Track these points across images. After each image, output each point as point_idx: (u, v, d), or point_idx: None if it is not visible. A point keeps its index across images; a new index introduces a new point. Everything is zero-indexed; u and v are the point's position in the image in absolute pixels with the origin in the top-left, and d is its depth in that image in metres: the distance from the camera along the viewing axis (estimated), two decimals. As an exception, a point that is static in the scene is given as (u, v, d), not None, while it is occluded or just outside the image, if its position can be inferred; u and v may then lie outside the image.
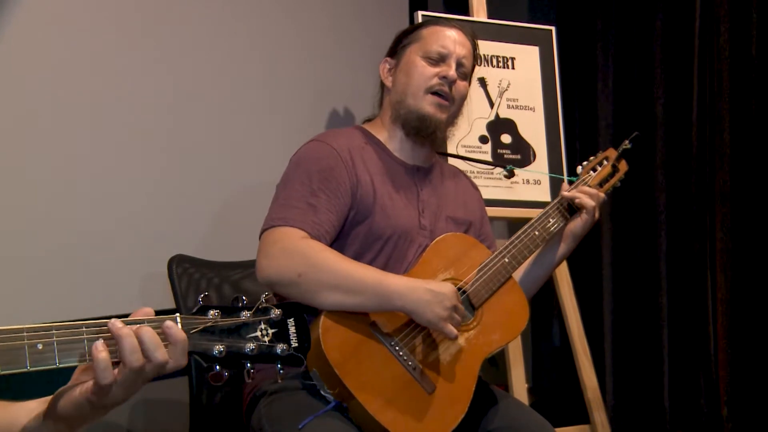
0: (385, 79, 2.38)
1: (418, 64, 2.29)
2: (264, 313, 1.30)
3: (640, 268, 3.88)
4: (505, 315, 2.22)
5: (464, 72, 2.32)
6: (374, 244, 2.20)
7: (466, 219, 2.39)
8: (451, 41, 2.30)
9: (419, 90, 2.27)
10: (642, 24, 3.90)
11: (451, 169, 2.51)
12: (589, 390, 3.30)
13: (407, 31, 2.38)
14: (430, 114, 2.27)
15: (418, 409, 2.00)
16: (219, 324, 1.26)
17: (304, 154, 2.25)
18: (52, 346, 1.16)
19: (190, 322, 1.25)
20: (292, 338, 1.30)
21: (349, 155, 2.22)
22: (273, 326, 1.30)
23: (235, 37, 3.27)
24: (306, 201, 2.12)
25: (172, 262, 2.48)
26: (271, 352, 1.28)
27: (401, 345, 2.04)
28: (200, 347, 1.24)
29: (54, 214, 2.79)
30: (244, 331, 1.27)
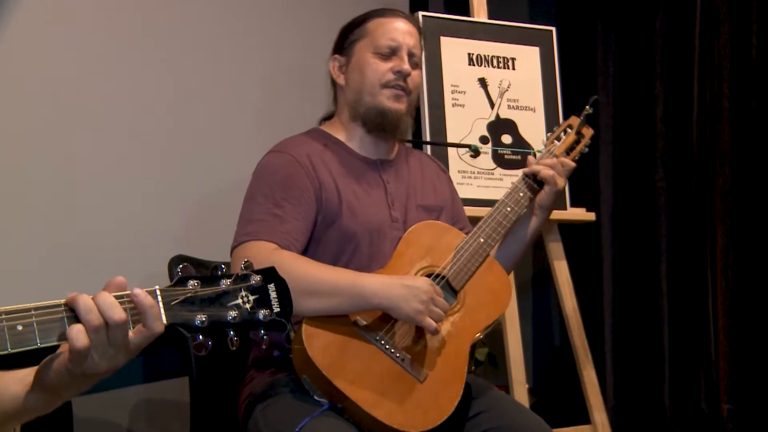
0: (336, 77, 2.36)
1: (370, 61, 2.27)
2: (244, 280, 1.29)
3: (641, 268, 3.88)
4: (488, 293, 2.22)
5: (416, 61, 2.31)
6: (348, 244, 2.20)
7: (437, 205, 2.38)
8: (399, 33, 2.29)
9: (375, 87, 2.26)
10: (642, 24, 3.90)
11: (415, 155, 2.49)
12: (589, 390, 3.30)
13: (352, 26, 2.35)
14: (390, 108, 2.26)
15: (412, 399, 2.00)
16: (199, 294, 1.25)
17: (263, 166, 2.25)
18: (32, 326, 1.15)
19: (169, 294, 1.24)
20: (273, 303, 1.30)
21: (309, 161, 2.22)
22: (254, 293, 1.29)
23: (234, 37, 3.27)
24: (271, 212, 2.12)
25: (173, 262, 2.47)
26: (254, 319, 1.27)
27: (386, 338, 2.04)
28: (181, 318, 1.23)
29: (54, 214, 2.79)
30: (225, 299, 1.27)
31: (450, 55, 3.22)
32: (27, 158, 2.74)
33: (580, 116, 2.48)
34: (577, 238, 3.80)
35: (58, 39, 2.82)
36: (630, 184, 3.95)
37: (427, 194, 2.38)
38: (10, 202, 2.70)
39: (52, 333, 1.17)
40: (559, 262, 3.35)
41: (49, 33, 2.80)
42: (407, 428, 1.95)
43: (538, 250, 4.10)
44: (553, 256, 3.35)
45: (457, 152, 3.15)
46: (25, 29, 2.73)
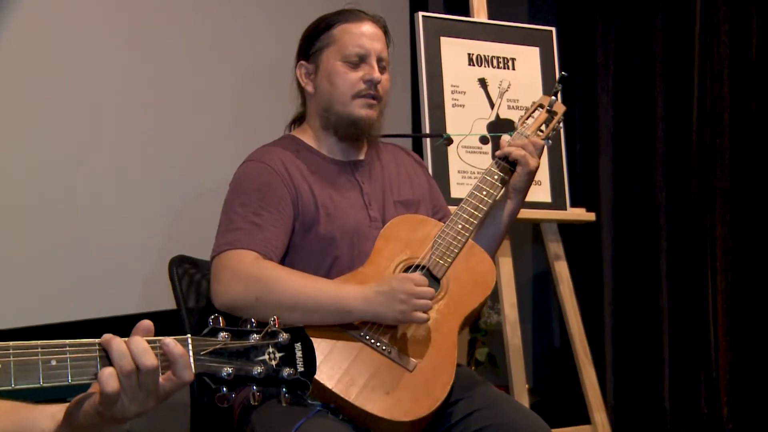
0: (305, 84, 2.34)
1: (339, 71, 2.25)
2: (272, 337, 1.31)
3: (641, 268, 3.88)
4: (471, 277, 2.21)
5: (384, 65, 2.30)
6: (329, 249, 2.20)
7: (415, 198, 2.37)
8: (366, 38, 2.26)
9: (346, 97, 2.25)
10: (642, 25, 3.90)
11: (389, 150, 2.47)
12: (589, 391, 3.29)
13: (317, 32, 2.32)
14: (363, 116, 2.26)
15: (403, 389, 2.00)
16: (229, 346, 1.27)
17: (239, 176, 2.25)
18: (66, 362, 1.17)
19: (200, 344, 1.26)
20: (298, 363, 1.32)
21: (284, 167, 2.22)
22: (281, 350, 1.31)
23: (236, 37, 3.27)
24: (249, 221, 2.12)
25: (173, 262, 2.46)
26: (278, 376, 1.29)
27: (371, 333, 2.05)
28: (210, 369, 1.25)
29: (54, 215, 2.79)
30: (253, 354, 1.29)
31: (450, 56, 3.22)
32: (25, 159, 2.74)
33: (551, 94, 2.47)
34: (577, 238, 3.80)
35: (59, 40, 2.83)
36: (630, 184, 3.95)
37: (404, 189, 2.37)
38: (8, 203, 2.70)
39: (84, 371, 1.18)
40: (559, 263, 3.35)
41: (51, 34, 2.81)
42: (401, 418, 1.96)
43: (537, 251, 4.10)
44: (553, 256, 3.35)
45: (456, 151, 3.14)
46: (21, 30, 2.73)
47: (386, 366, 2.02)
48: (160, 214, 3.03)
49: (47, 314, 2.73)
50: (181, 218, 3.08)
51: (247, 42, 3.31)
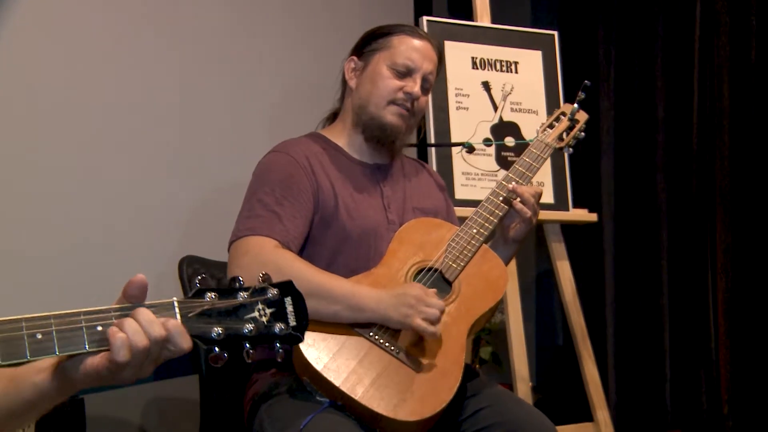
0: (349, 79, 2.36)
1: (384, 75, 2.27)
2: (261, 293, 1.28)
3: (642, 268, 3.88)
4: (483, 281, 2.21)
5: (426, 87, 2.32)
6: (344, 245, 2.21)
7: (433, 208, 2.39)
8: (419, 55, 2.29)
9: (382, 100, 2.27)
10: (643, 28, 3.90)
11: (412, 164, 2.50)
12: (592, 388, 3.30)
13: (377, 35, 2.34)
14: (392, 123, 2.27)
15: (410, 389, 2.00)
16: (216, 306, 1.24)
17: (264, 165, 2.27)
18: (51, 335, 1.15)
19: (187, 306, 1.23)
20: (289, 317, 1.29)
21: (308, 162, 2.23)
22: (270, 306, 1.28)
23: (241, 39, 3.27)
24: (270, 210, 2.13)
25: (183, 262, 2.47)
26: (270, 332, 1.26)
27: (380, 333, 2.05)
28: (198, 330, 1.22)
29: (65, 215, 2.80)
30: (242, 312, 1.25)
31: (454, 59, 3.23)
32: (36, 159, 2.75)
33: (574, 102, 2.48)
34: (579, 238, 3.80)
35: (70, 39, 2.83)
36: (631, 185, 3.95)
37: (423, 199, 2.39)
38: (19, 204, 2.70)
39: (71, 342, 1.17)
40: (562, 262, 3.35)
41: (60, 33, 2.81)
42: (406, 418, 1.95)
43: (540, 251, 4.11)
44: (555, 256, 3.36)
45: (461, 154, 3.15)
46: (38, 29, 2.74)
47: (394, 366, 2.02)
48: (171, 214, 3.04)
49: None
50: (191, 219, 3.09)
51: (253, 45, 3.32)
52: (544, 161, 2.40)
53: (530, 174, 2.33)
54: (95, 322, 1.18)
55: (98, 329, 1.18)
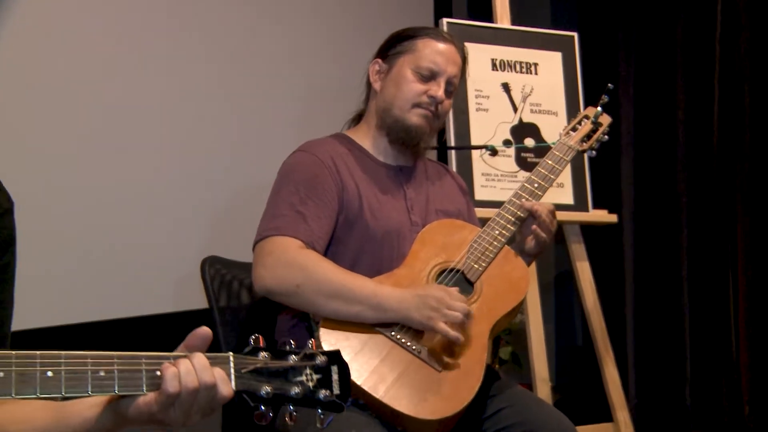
0: (373, 81, 2.37)
1: (408, 78, 2.28)
2: (310, 359, 1.32)
3: (662, 268, 3.86)
4: (505, 281, 2.21)
5: (450, 90, 2.32)
6: (368, 245, 2.21)
7: (456, 211, 2.39)
8: (443, 59, 2.29)
9: (407, 104, 2.27)
10: (663, 30, 3.87)
11: (435, 167, 2.50)
12: (612, 389, 3.28)
13: (402, 37, 2.35)
14: (416, 125, 2.28)
15: (431, 388, 2.00)
16: (268, 366, 1.28)
17: (289, 165, 2.27)
18: (113, 374, 1.19)
19: (241, 362, 1.27)
20: (334, 385, 1.33)
21: (333, 162, 2.24)
22: (318, 372, 1.32)
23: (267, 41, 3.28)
24: (295, 210, 2.14)
25: (205, 263, 2.47)
26: (314, 397, 1.31)
27: (402, 333, 2.05)
28: (250, 387, 1.26)
29: (92, 215, 2.82)
30: (291, 375, 1.30)
31: (474, 61, 3.19)
32: (60, 161, 2.76)
33: (597, 105, 2.48)
34: (599, 239, 3.79)
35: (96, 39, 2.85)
36: (651, 186, 3.93)
37: (446, 201, 2.39)
38: (43, 206, 2.72)
39: (130, 382, 1.20)
40: (582, 263, 3.34)
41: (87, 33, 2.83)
42: (428, 416, 1.96)
43: (560, 251, 4.09)
44: (575, 256, 3.34)
45: (480, 154, 3.14)
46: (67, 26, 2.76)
47: (416, 365, 2.02)
48: (196, 215, 3.05)
49: (83, 313, 2.75)
50: (213, 219, 3.10)
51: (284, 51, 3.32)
52: (567, 164, 2.39)
53: (553, 176, 2.33)
54: (155, 367, 1.22)
55: (157, 374, 1.22)
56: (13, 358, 1.14)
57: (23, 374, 1.14)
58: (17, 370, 1.13)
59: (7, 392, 1.13)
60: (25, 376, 1.14)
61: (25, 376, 1.14)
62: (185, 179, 3.04)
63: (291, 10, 3.37)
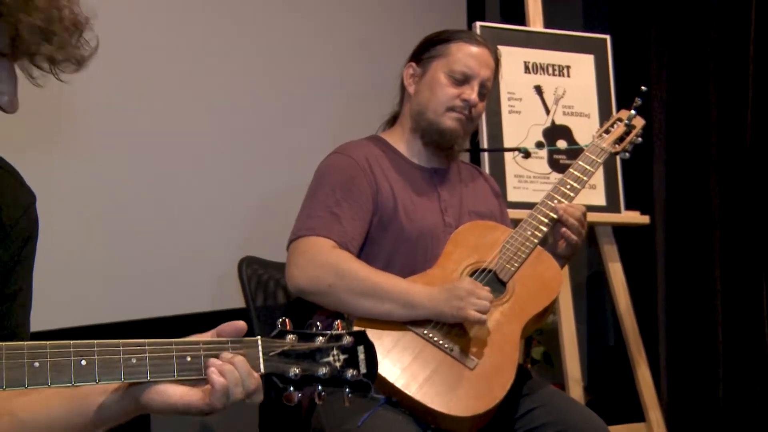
0: (408, 85, 2.38)
1: (442, 82, 2.28)
2: (337, 340, 1.33)
3: (695, 269, 3.82)
4: (537, 282, 2.22)
5: (484, 93, 2.33)
6: (402, 246, 2.22)
7: (489, 213, 2.40)
8: (476, 62, 2.29)
9: (441, 107, 2.28)
10: (697, 32, 3.83)
11: (468, 169, 2.51)
12: (644, 389, 3.26)
13: (435, 41, 2.36)
14: (450, 128, 2.29)
15: (464, 386, 2.01)
16: (296, 348, 1.30)
17: (325, 166, 2.29)
18: (145, 361, 1.21)
19: (269, 345, 1.29)
20: (361, 365, 1.34)
21: (368, 164, 2.25)
22: (344, 352, 1.33)
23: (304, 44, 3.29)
24: (330, 211, 2.16)
25: (242, 263, 2.50)
26: (342, 377, 1.32)
27: (434, 331, 2.07)
28: (278, 369, 1.29)
29: (132, 214, 2.84)
30: (318, 356, 1.31)
31: (506, 64, 3.18)
32: (102, 162, 2.79)
33: (631, 108, 2.47)
34: (631, 240, 3.76)
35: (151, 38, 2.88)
36: (684, 187, 3.89)
37: (479, 203, 2.40)
38: (86, 206, 2.75)
39: (161, 369, 1.23)
40: (614, 264, 3.32)
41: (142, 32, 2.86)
42: (460, 413, 1.96)
43: (592, 251, 4.07)
44: (607, 257, 3.33)
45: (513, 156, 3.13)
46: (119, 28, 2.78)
47: (447, 363, 2.03)
48: (232, 216, 3.07)
49: (123, 311, 2.78)
50: (250, 220, 3.12)
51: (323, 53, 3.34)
52: (600, 166, 2.39)
53: (585, 178, 2.33)
54: (185, 353, 1.24)
55: (187, 360, 1.24)
56: (47, 348, 1.16)
57: (58, 364, 1.16)
58: (52, 360, 1.16)
59: (42, 382, 1.15)
60: (59, 366, 1.16)
61: (59, 365, 1.16)
62: (224, 180, 3.06)
63: (326, 14, 3.38)
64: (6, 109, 1.18)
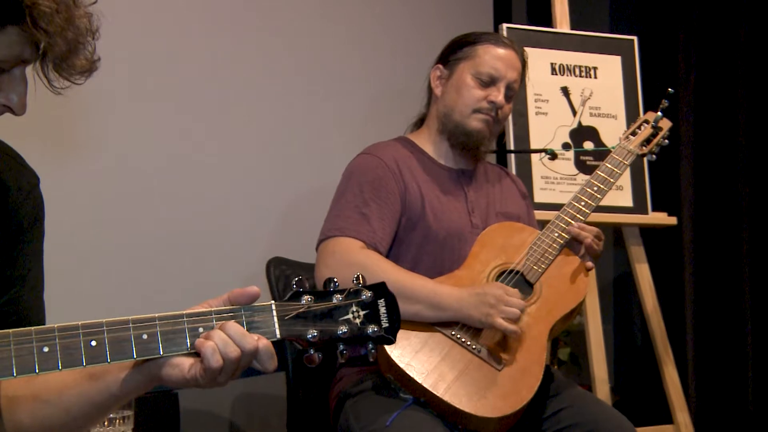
0: (435, 87, 2.38)
1: (468, 84, 2.28)
2: (355, 296, 1.29)
3: (723, 270, 3.78)
4: (564, 283, 2.21)
5: (510, 95, 2.32)
6: (429, 246, 2.22)
7: (516, 213, 2.40)
8: (503, 64, 2.29)
9: (467, 109, 2.28)
10: (725, 33, 3.80)
11: (495, 170, 2.51)
12: (672, 390, 3.23)
13: (462, 43, 2.35)
14: (477, 129, 2.28)
15: (491, 387, 2.00)
16: (312, 308, 1.26)
17: (354, 167, 2.29)
18: (156, 336, 1.19)
19: (284, 309, 1.25)
20: (383, 318, 1.29)
21: (396, 165, 2.25)
22: (364, 308, 1.29)
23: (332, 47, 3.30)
24: (359, 211, 2.16)
25: (270, 264, 2.51)
26: (363, 334, 1.27)
27: (462, 332, 2.06)
28: (295, 332, 1.25)
29: (161, 214, 2.86)
30: (337, 314, 1.27)
31: (533, 66, 3.17)
32: (129, 164, 2.81)
33: (657, 110, 2.45)
34: (658, 241, 3.73)
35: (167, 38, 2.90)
36: (711, 189, 3.85)
37: (506, 204, 2.39)
38: (111, 206, 2.77)
39: (174, 343, 1.20)
40: (641, 265, 3.30)
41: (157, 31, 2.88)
42: (488, 414, 1.96)
43: (619, 254, 4.04)
44: (634, 259, 3.30)
45: (542, 160, 3.12)
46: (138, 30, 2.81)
47: (475, 364, 2.02)
48: (261, 216, 3.08)
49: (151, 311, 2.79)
50: (278, 221, 3.13)
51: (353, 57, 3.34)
52: (626, 167, 2.37)
53: (612, 179, 2.32)
54: (197, 324, 1.21)
55: (200, 331, 1.21)
56: (55, 332, 1.14)
57: (68, 347, 1.14)
58: (61, 342, 1.13)
59: (53, 366, 1.13)
60: (69, 349, 1.14)
61: (69, 348, 1.14)
62: (252, 181, 3.07)
63: (355, 18, 3.38)
64: (16, 111, 1.18)
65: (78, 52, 1.15)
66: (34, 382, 1.27)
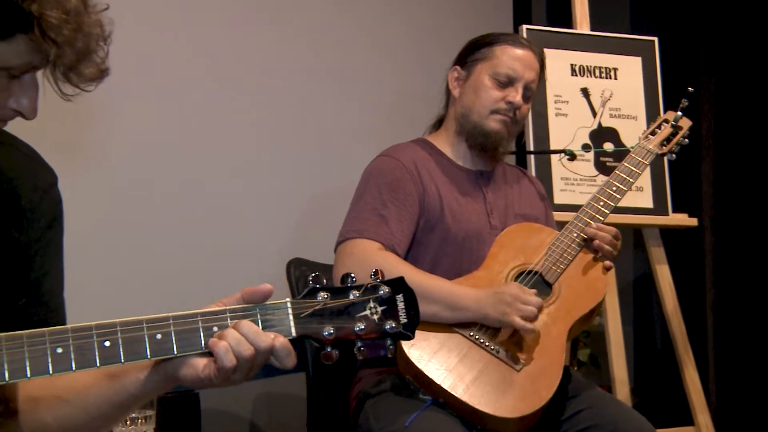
0: (453, 88, 2.37)
1: (486, 85, 2.27)
2: (373, 291, 1.26)
3: (744, 271, 3.75)
4: (583, 283, 2.20)
5: (528, 95, 2.31)
6: (448, 248, 2.21)
7: (534, 214, 2.38)
8: (521, 65, 2.28)
9: (485, 110, 2.27)
10: (747, 32, 3.76)
11: (513, 171, 2.50)
12: (692, 392, 3.20)
13: (480, 44, 2.34)
14: (495, 130, 2.28)
15: (510, 387, 1.99)
16: (328, 305, 1.23)
17: (373, 169, 2.29)
18: (170, 336, 1.17)
19: (300, 306, 1.23)
20: (401, 314, 1.26)
21: (415, 167, 2.25)
22: (382, 304, 1.26)
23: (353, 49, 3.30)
24: (378, 213, 2.15)
25: (290, 264, 2.51)
26: (381, 330, 1.24)
27: (480, 333, 2.06)
28: (311, 330, 1.22)
29: (181, 215, 2.87)
30: (354, 311, 1.24)
31: (553, 67, 3.17)
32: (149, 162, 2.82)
33: (677, 109, 2.43)
34: (679, 242, 3.71)
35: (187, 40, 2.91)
36: (732, 190, 3.82)
37: (525, 205, 2.38)
38: (131, 206, 2.78)
39: (188, 343, 1.18)
40: (661, 266, 3.28)
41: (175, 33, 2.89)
42: (507, 415, 1.95)
43: (639, 255, 4.01)
44: (655, 260, 3.28)
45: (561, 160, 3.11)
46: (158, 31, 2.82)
47: (494, 365, 2.01)
48: (280, 217, 3.09)
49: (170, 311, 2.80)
50: (298, 221, 3.13)
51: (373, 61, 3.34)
52: (646, 167, 2.36)
53: (632, 179, 2.30)
54: (211, 323, 1.20)
55: (214, 330, 1.19)
56: (69, 333, 1.13)
57: (81, 347, 1.12)
58: (75, 343, 1.13)
59: (66, 367, 1.12)
60: (83, 350, 1.12)
61: (83, 349, 1.12)
62: (272, 182, 3.07)
63: (375, 20, 3.39)
64: (27, 116, 1.18)
65: (88, 61, 1.13)
66: (57, 383, 1.26)
